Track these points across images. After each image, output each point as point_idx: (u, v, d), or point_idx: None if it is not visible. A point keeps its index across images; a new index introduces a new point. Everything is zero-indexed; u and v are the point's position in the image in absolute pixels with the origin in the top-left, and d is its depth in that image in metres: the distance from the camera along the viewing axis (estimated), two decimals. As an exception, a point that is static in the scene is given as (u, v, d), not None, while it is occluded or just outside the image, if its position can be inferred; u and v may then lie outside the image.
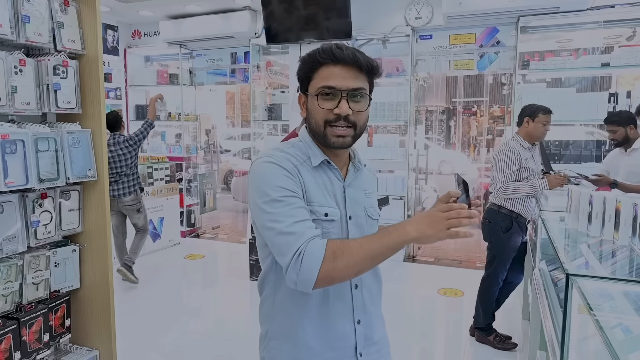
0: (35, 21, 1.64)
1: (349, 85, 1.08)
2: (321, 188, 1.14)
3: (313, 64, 1.11)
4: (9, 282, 1.60)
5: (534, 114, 3.06)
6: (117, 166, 4.27)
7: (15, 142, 1.55)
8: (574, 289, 1.39)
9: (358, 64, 1.08)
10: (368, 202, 1.23)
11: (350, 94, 1.08)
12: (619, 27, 4.49)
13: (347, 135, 1.10)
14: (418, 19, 4.93)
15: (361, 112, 1.11)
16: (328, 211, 1.13)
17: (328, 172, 1.17)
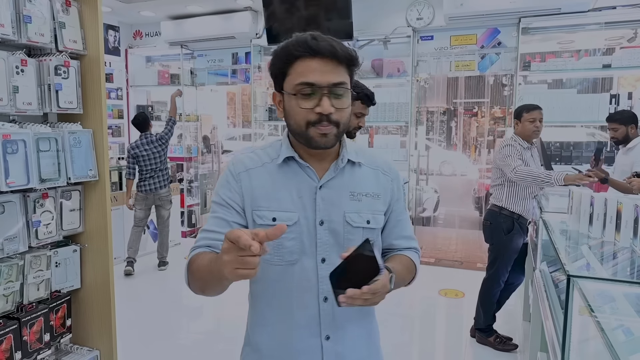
0: (37, 21, 1.64)
1: (329, 81, 0.97)
2: (280, 189, 1.05)
3: (288, 58, 0.99)
4: (10, 282, 1.60)
5: (519, 114, 3.09)
6: (152, 163, 4.69)
7: (17, 142, 1.55)
8: (575, 290, 1.39)
9: (336, 56, 0.98)
10: (352, 205, 1.07)
11: (331, 91, 0.98)
12: (620, 28, 4.49)
13: (329, 133, 1.00)
14: (419, 19, 4.93)
15: (344, 109, 1.01)
16: (277, 215, 1.03)
17: (298, 171, 1.06)
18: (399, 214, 1.16)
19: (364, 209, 1.08)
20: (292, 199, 1.05)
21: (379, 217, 1.10)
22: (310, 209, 1.05)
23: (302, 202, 1.05)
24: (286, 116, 1.04)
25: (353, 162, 1.09)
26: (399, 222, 1.17)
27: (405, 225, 1.19)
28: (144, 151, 4.64)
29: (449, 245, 6.08)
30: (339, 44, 0.99)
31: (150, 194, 4.74)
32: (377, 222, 1.10)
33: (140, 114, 4.87)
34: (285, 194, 1.05)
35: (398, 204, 1.16)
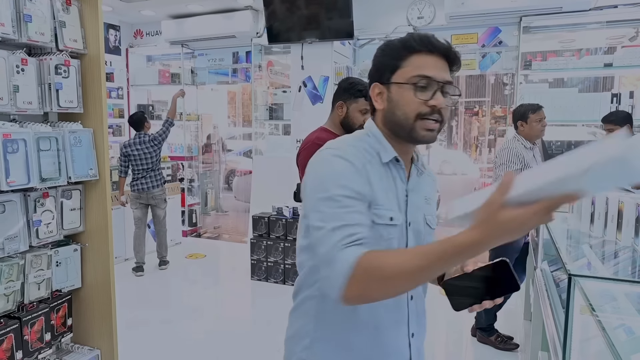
0: (37, 20, 1.64)
1: (444, 77, 1.00)
2: (386, 189, 1.04)
3: (406, 50, 1.01)
4: (11, 282, 1.60)
5: (524, 116, 3.07)
6: (144, 163, 4.68)
7: (17, 142, 1.55)
8: (576, 289, 1.39)
9: (449, 57, 1.01)
10: (428, 209, 1.13)
11: (444, 88, 1.00)
12: (622, 27, 4.48)
13: (435, 130, 1.02)
14: (420, 18, 4.92)
15: (448, 109, 1.04)
16: (393, 215, 1.02)
17: (394, 172, 1.06)
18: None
19: (432, 212, 1.15)
20: (396, 200, 1.05)
21: (435, 218, 1.17)
22: (403, 210, 1.07)
23: (398, 202, 1.06)
24: (391, 108, 1.02)
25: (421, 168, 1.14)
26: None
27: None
28: (135, 151, 4.64)
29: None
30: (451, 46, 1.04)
31: (144, 193, 4.73)
32: (435, 223, 1.17)
33: (136, 114, 4.88)
34: (393, 195, 1.05)
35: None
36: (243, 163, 9.11)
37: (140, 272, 4.72)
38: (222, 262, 5.57)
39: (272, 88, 6.03)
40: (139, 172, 4.68)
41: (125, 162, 4.65)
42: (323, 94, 4.81)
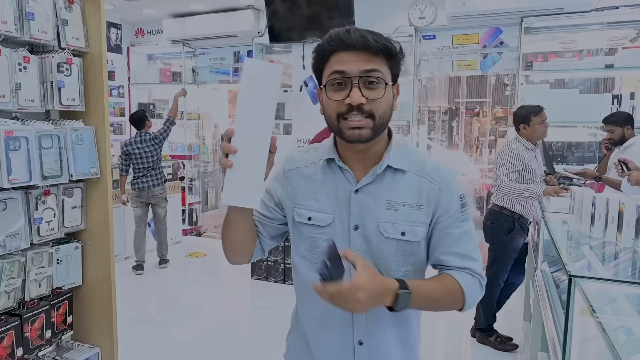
0: (40, 18, 1.64)
1: (360, 68, 0.94)
2: (321, 190, 1.05)
3: (324, 53, 0.99)
4: (12, 279, 1.61)
5: (527, 118, 3.06)
6: (144, 162, 4.68)
7: (19, 139, 1.56)
8: (577, 290, 1.39)
9: (368, 47, 0.94)
10: (388, 215, 1.01)
11: (363, 80, 0.94)
12: (623, 28, 4.48)
13: (364, 127, 0.96)
14: (421, 19, 4.92)
15: (378, 100, 0.95)
16: (313, 215, 1.05)
17: (337, 173, 1.05)
18: (448, 226, 1.03)
19: (400, 220, 1.01)
20: (330, 201, 1.05)
21: (418, 228, 1.02)
22: (346, 212, 1.03)
23: (338, 205, 1.04)
24: (324, 112, 1.03)
25: (395, 168, 1.03)
26: (447, 236, 1.04)
27: (456, 240, 1.04)
28: (136, 149, 4.64)
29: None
30: (375, 35, 0.96)
31: (144, 192, 4.73)
32: (415, 234, 1.02)
33: (137, 112, 4.88)
34: (324, 195, 1.05)
35: (447, 216, 1.03)
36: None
37: (141, 271, 4.72)
38: (222, 261, 5.56)
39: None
40: (140, 170, 4.68)
41: (126, 160, 4.65)
42: (324, 94, 4.81)
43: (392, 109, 1.01)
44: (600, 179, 3.27)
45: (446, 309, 1.03)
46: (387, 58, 0.97)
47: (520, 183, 3.01)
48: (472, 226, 1.07)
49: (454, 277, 1.01)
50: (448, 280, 1.01)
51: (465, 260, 1.04)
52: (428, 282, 1.00)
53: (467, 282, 1.02)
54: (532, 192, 2.92)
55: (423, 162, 1.05)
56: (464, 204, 1.05)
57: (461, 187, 1.07)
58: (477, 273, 1.04)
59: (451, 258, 1.03)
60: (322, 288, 0.87)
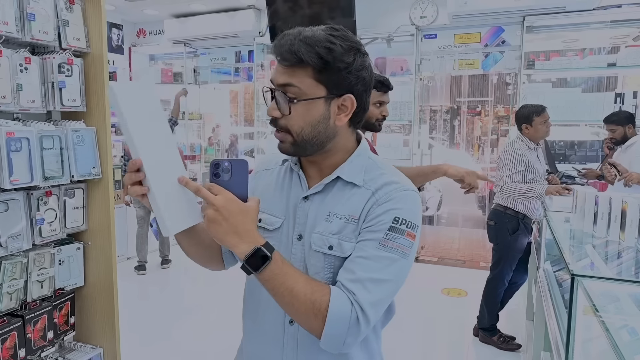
0: (41, 19, 1.64)
1: (277, 80, 0.89)
2: (278, 193, 1.01)
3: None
4: (14, 280, 1.61)
5: (529, 118, 3.05)
6: None
7: (20, 140, 1.56)
8: (579, 289, 1.38)
9: (284, 58, 0.87)
10: (322, 226, 0.93)
11: (279, 93, 0.89)
12: (625, 27, 4.46)
13: (284, 141, 0.92)
14: (423, 18, 4.92)
15: (288, 116, 0.89)
16: (264, 217, 1.00)
17: (295, 178, 1.01)
18: (362, 241, 0.90)
19: (331, 232, 0.92)
20: (282, 205, 1.00)
21: (346, 244, 0.91)
22: (292, 219, 0.97)
23: (288, 211, 0.99)
24: None
25: (347, 181, 0.95)
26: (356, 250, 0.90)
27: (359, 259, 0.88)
28: None
29: (451, 244, 6.07)
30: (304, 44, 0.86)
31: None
32: (344, 250, 0.91)
33: None
34: (279, 199, 1.01)
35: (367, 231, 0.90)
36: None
37: (143, 271, 4.73)
38: (224, 261, 5.57)
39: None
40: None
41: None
42: (325, 94, 4.81)
43: (319, 127, 0.90)
44: (603, 178, 3.27)
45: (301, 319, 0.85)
46: (317, 70, 0.87)
47: (524, 183, 3.00)
48: (394, 260, 0.87)
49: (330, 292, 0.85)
50: (321, 288, 0.85)
51: (354, 283, 0.85)
52: (299, 273, 0.86)
53: (340, 306, 0.83)
54: (534, 192, 2.91)
55: (379, 177, 0.95)
56: (397, 230, 0.88)
57: (411, 213, 0.91)
58: (360, 305, 0.84)
59: (343, 273, 0.88)
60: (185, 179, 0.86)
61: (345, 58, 0.88)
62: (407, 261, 0.89)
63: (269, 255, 0.82)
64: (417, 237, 0.91)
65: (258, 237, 0.83)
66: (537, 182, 3.04)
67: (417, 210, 0.93)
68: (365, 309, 0.84)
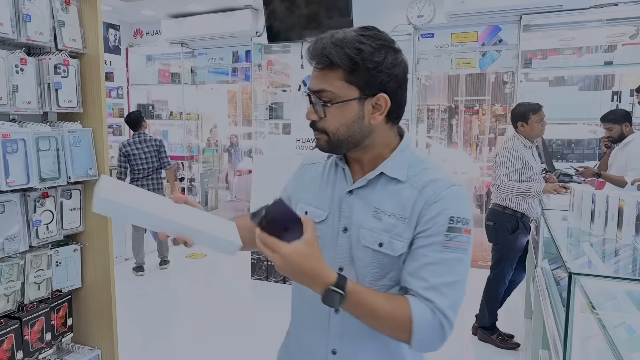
0: (36, 20, 1.64)
1: (311, 87, 0.94)
2: (324, 187, 1.05)
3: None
4: (11, 282, 1.60)
5: (525, 116, 3.06)
6: (144, 163, 4.59)
7: (17, 142, 1.55)
8: (577, 287, 1.38)
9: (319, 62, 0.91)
10: (371, 222, 0.95)
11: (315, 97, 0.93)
12: (622, 25, 4.47)
13: (320, 139, 0.97)
14: (420, 17, 4.91)
15: (327, 119, 0.93)
16: (310, 210, 1.04)
17: (340, 172, 1.04)
18: (423, 247, 0.91)
19: (381, 230, 0.94)
20: (328, 198, 1.03)
21: (397, 242, 0.93)
22: (338, 212, 1.00)
23: (333, 204, 1.02)
24: None
25: (391, 177, 0.97)
26: (420, 257, 0.91)
27: (428, 265, 0.90)
28: (135, 150, 4.53)
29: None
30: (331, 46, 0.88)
31: None
32: (394, 248, 0.93)
33: (133, 112, 4.83)
34: (324, 192, 1.04)
35: (426, 235, 0.91)
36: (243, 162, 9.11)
37: (141, 272, 4.72)
38: (222, 261, 5.57)
39: (272, 87, 6.02)
40: (139, 172, 4.60)
41: (125, 162, 4.57)
42: (323, 93, 4.80)
43: (354, 126, 0.93)
44: (600, 176, 3.28)
45: (388, 334, 0.90)
46: (348, 72, 0.90)
47: (521, 182, 3.01)
48: (459, 258, 0.91)
49: (410, 304, 0.88)
50: (400, 303, 0.89)
51: (429, 291, 0.88)
52: (376, 294, 0.89)
53: (423, 316, 0.87)
54: (531, 191, 2.92)
55: (423, 173, 0.96)
56: (455, 229, 0.90)
57: (462, 209, 0.93)
58: (441, 311, 0.88)
59: (415, 282, 0.91)
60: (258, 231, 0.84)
61: (375, 57, 0.89)
62: (468, 256, 0.93)
63: (343, 293, 0.84)
64: (471, 230, 0.94)
65: (328, 276, 0.84)
66: (533, 180, 3.05)
67: (466, 204, 0.95)
68: (447, 313, 0.88)
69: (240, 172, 8.66)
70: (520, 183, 2.99)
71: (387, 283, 0.96)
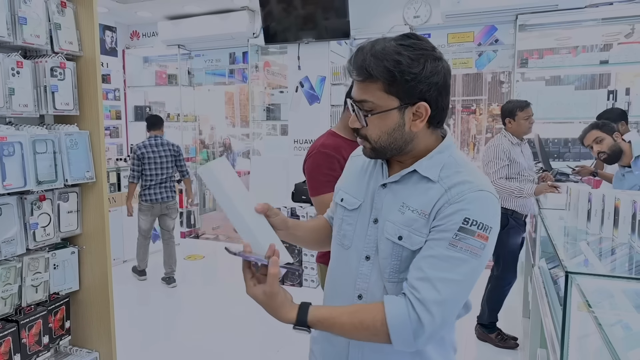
0: (32, 23, 1.63)
1: (355, 96, 0.97)
2: (362, 177, 1.11)
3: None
4: (8, 285, 1.60)
5: (513, 113, 3.08)
6: (159, 168, 4.23)
7: (13, 144, 1.55)
8: (574, 286, 1.39)
9: (359, 74, 0.94)
10: (395, 216, 0.99)
11: (358, 107, 0.97)
12: (617, 24, 4.49)
13: (365, 147, 1.02)
14: (416, 18, 4.93)
15: (369, 128, 0.97)
16: (345, 198, 1.11)
17: (377, 165, 1.09)
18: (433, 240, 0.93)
19: (402, 223, 0.97)
20: (363, 189, 1.09)
21: (416, 237, 0.95)
22: (370, 203, 1.06)
23: (367, 195, 1.07)
24: None
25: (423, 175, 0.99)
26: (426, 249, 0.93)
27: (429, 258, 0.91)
28: (151, 153, 4.14)
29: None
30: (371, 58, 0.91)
31: (157, 204, 4.24)
32: (413, 242, 0.95)
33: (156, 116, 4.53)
34: (361, 182, 1.10)
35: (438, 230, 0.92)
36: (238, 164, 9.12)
37: (144, 277, 4.61)
38: (220, 263, 5.57)
39: (269, 88, 6.03)
40: (153, 177, 4.20)
41: (139, 165, 4.15)
42: (320, 94, 4.81)
43: (395, 134, 0.96)
44: (597, 175, 3.29)
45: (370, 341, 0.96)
46: (387, 83, 0.92)
47: (510, 179, 3.02)
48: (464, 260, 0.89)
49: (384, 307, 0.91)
50: (369, 311, 0.92)
51: (421, 281, 0.90)
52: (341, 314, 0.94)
53: (396, 314, 0.89)
54: (523, 192, 2.92)
55: (455, 175, 0.97)
56: (467, 231, 0.89)
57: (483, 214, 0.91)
58: (422, 301, 0.88)
59: (412, 271, 0.93)
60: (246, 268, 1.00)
61: (412, 69, 0.91)
62: (478, 262, 0.91)
63: (306, 329, 0.95)
64: (490, 238, 0.91)
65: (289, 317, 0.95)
66: (524, 177, 3.06)
67: (491, 211, 0.93)
68: (430, 307, 0.88)
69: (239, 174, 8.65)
70: (509, 181, 3.00)
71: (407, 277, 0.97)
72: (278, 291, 0.94)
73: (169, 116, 6.55)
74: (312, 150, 1.89)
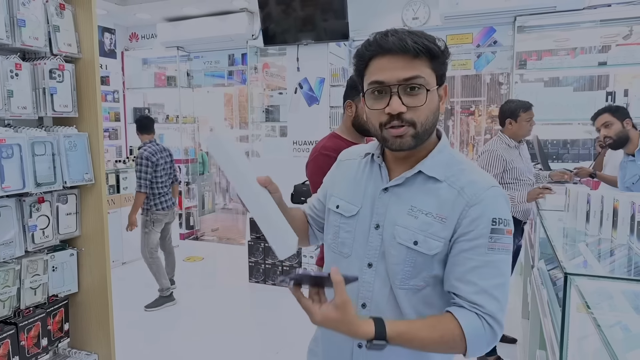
0: (31, 25, 1.64)
1: (399, 77, 0.90)
2: (357, 182, 1.07)
3: (362, 60, 0.96)
4: (7, 287, 1.60)
5: (515, 114, 2.95)
6: (167, 173, 4.04)
7: (12, 147, 1.55)
8: (573, 288, 1.39)
9: (406, 50, 0.89)
10: (406, 220, 0.96)
11: (402, 87, 0.91)
12: (615, 25, 4.50)
13: (405, 135, 0.92)
14: (415, 19, 4.93)
15: (419, 107, 0.91)
16: (341, 204, 1.07)
17: (375, 169, 1.05)
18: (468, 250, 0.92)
19: (417, 228, 0.95)
20: (360, 194, 1.05)
21: (433, 242, 0.94)
22: (370, 209, 1.02)
23: (366, 200, 1.03)
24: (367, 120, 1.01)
25: (428, 175, 0.97)
26: (465, 261, 0.92)
27: (475, 269, 0.90)
28: (161, 159, 3.95)
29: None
30: (414, 36, 0.91)
31: (170, 211, 4.06)
32: (429, 247, 0.94)
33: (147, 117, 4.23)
34: (358, 188, 1.06)
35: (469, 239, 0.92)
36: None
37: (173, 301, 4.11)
38: (220, 264, 5.56)
39: (268, 90, 6.03)
40: (163, 183, 3.99)
41: (152, 173, 3.88)
42: (319, 96, 4.82)
43: (436, 114, 0.95)
44: (595, 176, 3.28)
45: (442, 353, 0.93)
46: (430, 60, 0.92)
47: (506, 185, 2.92)
48: (503, 259, 0.92)
49: (458, 320, 0.89)
50: (446, 325, 0.89)
51: (479, 294, 0.90)
52: (420, 328, 0.89)
53: (473, 327, 0.89)
54: (515, 200, 2.84)
55: (461, 173, 0.97)
56: (498, 230, 0.91)
57: (502, 211, 0.93)
58: (490, 314, 0.89)
59: (463, 286, 0.91)
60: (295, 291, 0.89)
61: (443, 48, 0.94)
62: (510, 256, 0.94)
63: (385, 343, 0.85)
64: (512, 230, 0.94)
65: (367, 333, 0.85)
66: (521, 181, 2.95)
67: (505, 205, 0.96)
68: (497, 316, 0.90)
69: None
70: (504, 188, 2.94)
71: (419, 283, 0.97)
72: (349, 299, 0.83)
73: (168, 118, 6.54)
74: (314, 153, 1.89)
